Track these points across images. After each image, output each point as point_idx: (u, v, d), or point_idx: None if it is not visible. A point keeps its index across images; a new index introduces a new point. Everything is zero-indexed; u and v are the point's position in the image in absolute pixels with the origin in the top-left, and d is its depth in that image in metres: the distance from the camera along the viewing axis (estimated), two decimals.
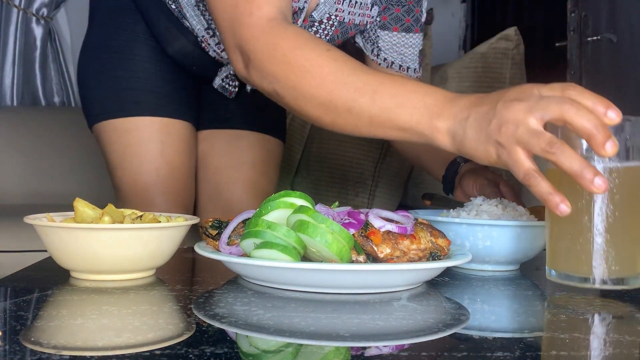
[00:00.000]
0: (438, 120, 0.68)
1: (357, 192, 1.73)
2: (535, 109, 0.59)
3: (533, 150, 0.59)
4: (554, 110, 0.59)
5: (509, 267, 0.79)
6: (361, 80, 0.74)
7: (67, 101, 2.46)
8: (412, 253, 0.63)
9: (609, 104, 0.59)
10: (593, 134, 0.57)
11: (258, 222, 0.61)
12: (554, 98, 0.60)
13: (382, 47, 1.12)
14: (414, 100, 0.70)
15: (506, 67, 1.56)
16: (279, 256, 0.59)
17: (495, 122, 0.62)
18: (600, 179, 0.56)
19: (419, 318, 0.54)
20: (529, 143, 0.59)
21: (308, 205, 0.63)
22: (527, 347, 0.47)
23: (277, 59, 0.77)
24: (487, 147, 0.63)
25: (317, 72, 0.75)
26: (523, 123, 0.59)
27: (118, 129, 1.17)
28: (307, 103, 0.77)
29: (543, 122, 0.59)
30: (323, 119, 0.78)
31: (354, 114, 0.74)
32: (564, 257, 0.65)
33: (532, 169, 0.60)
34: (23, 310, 0.53)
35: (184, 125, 1.20)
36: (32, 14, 2.38)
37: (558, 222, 0.65)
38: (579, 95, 0.60)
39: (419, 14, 1.11)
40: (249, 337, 0.48)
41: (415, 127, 0.69)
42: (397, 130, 0.71)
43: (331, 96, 0.74)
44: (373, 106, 0.72)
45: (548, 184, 0.59)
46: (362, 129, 0.75)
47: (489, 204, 0.80)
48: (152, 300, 0.59)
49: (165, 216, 0.73)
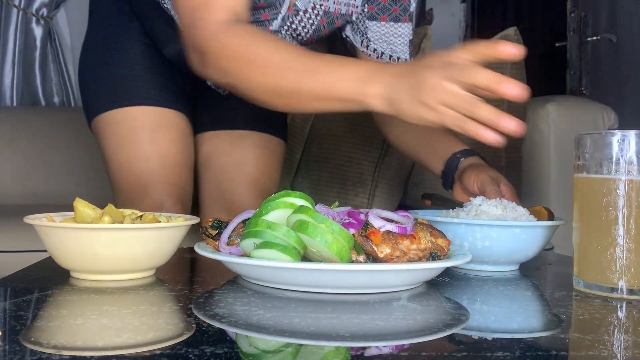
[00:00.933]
0: (371, 87, 0.76)
1: (357, 192, 1.73)
2: (450, 74, 0.70)
3: (454, 108, 0.70)
4: (464, 74, 0.69)
5: (509, 267, 0.79)
6: (303, 63, 0.83)
7: (66, 101, 2.46)
8: (412, 253, 0.63)
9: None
10: (494, 81, 0.68)
11: (258, 222, 0.61)
12: (463, 65, 0.71)
13: (371, 38, 1.14)
14: (349, 73, 0.79)
15: (506, 67, 1.56)
16: (279, 256, 0.59)
17: (421, 86, 0.72)
18: (514, 121, 0.68)
19: (418, 318, 0.54)
20: (450, 102, 0.70)
21: (308, 205, 0.63)
22: (527, 347, 0.47)
23: (228, 57, 0.86)
24: (419, 109, 0.73)
25: (263, 63, 0.84)
26: (443, 86, 0.70)
27: (110, 121, 1.18)
28: (258, 91, 0.86)
29: (458, 84, 0.69)
30: (275, 102, 0.87)
31: (301, 94, 0.83)
32: (592, 267, 0.65)
33: (458, 117, 0.70)
34: (23, 310, 0.53)
35: (177, 115, 1.20)
36: (32, 14, 2.38)
37: (587, 233, 0.65)
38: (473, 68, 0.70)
39: (406, 3, 1.11)
40: (249, 337, 0.48)
41: (353, 96, 0.78)
42: (339, 101, 0.80)
43: (278, 82, 0.84)
44: (315, 85, 0.81)
45: (475, 124, 0.70)
46: (309, 105, 0.85)
47: (488, 204, 0.80)
48: (152, 300, 0.59)
49: (165, 216, 0.73)
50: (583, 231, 0.66)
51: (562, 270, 0.85)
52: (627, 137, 0.63)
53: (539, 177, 1.55)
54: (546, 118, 1.54)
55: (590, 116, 1.54)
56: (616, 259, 0.63)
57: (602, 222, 0.63)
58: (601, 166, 0.64)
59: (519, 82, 0.69)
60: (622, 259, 0.63)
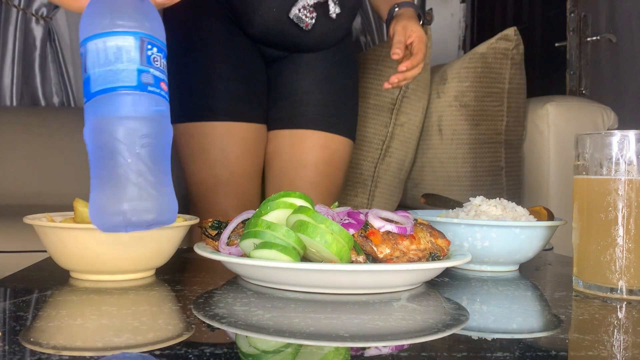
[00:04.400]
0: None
1: (356, 192, 1.74)
2: None
3: None
4: None
5: (508, 267, 0.79)
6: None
7: (66, 101, 2.46)
8: (411, 253, 0.63)
9: None
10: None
11: (257, 223, 0.61)
12: None
13: None
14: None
15: (506, 67, 1.56)
16: (279, 256, 0.59)
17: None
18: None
19: (418, 318, 0.54)
20: None
21: (308, 205, 0.63)
22: (526, 348, 0.47)
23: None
24: None
25: None
26: None
27: (183, 133, 1.25)
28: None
29: None
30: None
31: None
32: (592, 267, 0.65)
33: None
34: (22, 311, 0.53)
35: (247, 127, 1.24)
36: (32, 14, 2.38)
37: (587, 233, 0.65)
38: None
39: None
40: (249, 337, 0.48)
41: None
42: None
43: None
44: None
45: None
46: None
47: (488, 205, 0.80)
48: (152, 301, 0.59)
49: None
50: (583, 231, 0.66)
51: (561, 270, 0.85)
52: (626, 137, 0.63)
53: (539, 177, 1.55)
54: (546, 118, 1.54)
55: (590, 116, 1.54)
56: (616, 260, 0.63)
57: (602, 222, 0.63)
58: (601, 166, 0.64)
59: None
60: (621, 260, 0.63)
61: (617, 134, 0.63)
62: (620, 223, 0.62)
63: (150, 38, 0.59)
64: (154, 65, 0.59)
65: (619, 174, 0.63)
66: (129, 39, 0.58)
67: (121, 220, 0.56)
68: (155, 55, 0.60)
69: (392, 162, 1.74)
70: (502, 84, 1.56)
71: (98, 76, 0.59)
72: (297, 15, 1.21)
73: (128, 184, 0.57)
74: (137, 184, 0.57)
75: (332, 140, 1.32)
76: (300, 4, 1.20)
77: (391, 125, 1.72)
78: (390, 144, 1.73)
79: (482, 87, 1.58)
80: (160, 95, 0.60)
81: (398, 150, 1.74)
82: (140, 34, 0.58)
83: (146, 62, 0.59)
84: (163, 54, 0.61)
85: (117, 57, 0.58)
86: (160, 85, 0.60)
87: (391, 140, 1.73)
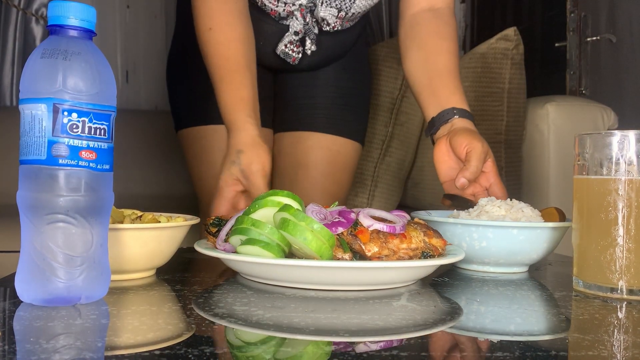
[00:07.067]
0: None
1: (356, 192, 1.74)
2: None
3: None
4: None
5: (514, 269, 0.78)
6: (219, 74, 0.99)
7: None
8: (402, 252, 0.63)
9: None
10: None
11: (244, 220, 0.63)
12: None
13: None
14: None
15: (506, 68, 1.56)
16: (262, 252, 0.61)
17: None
18: None
19: (418, 318, 0.54)
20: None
21: (293, 203, 0.64)
22: (526, 348, 0.47)
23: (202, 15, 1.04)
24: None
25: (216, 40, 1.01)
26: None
27: (189, 136, 1.28)
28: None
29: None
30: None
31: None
32: (592, 267, 0.65)
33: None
34: (23, 311, 0.53)
35: None
36: (32, 14, 2.38)
37: (587, 233, 0.65)
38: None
39: None
40: (249, 337, 0.48)
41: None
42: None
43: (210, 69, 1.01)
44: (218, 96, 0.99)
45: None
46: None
47: (492, 205, 0.79)
48: (152, 301, 0.59)
49: (165, 216, 0.73)
50: (583, 231, 0.66)
51: (561, 270, 0.85)
52: (627, 137, 0.63)
53: (539, 177, 1.55)
54: (546, 118, 1.54)
55: (590, 116, 1.54)
56: (616, 259, 0.63)
57: (602, 222, 0.63)
58: (601, 166, 0.64)
59: None
60: (621, 259, 0.63)
61: (617, 134, 0.63)
62: (620, 223, 0.62)
63: (68, 103, 0.52)
64: (70, 133, 0.53)
65: (619, 174, 0.63)
66: (41, 107, 0.53)
67: (42, 300, 0.54)
68: (75, 122, 0.53)
69: (392, 162, 1.74)
70: (502, 84, 1.56)
71: (20, 145, 0.56)
72: (283, 51, 1.21)
73: (37, 269, 0.55)
74: (46, 269, 0.54)
75: (333, 142, 1.32)
76: (287, 40, 1.20)
77: (391, 125, 1.72)
78: (390, 143, 1.73)
79: (482, 87, 1.58)
80: (76, 166, 0.53)
81: (398, 150, 1.74)
82: (54, 100, 0.52)
83: (60, 132, 0.53)
84: (94, 116, 0.53)
85: (31, 127, 0.54)
86: (79, 155, 0.53)
87: (391, 140, 1.73)
